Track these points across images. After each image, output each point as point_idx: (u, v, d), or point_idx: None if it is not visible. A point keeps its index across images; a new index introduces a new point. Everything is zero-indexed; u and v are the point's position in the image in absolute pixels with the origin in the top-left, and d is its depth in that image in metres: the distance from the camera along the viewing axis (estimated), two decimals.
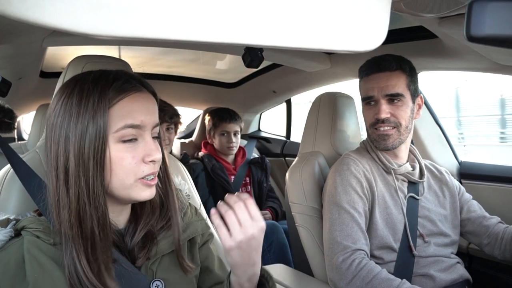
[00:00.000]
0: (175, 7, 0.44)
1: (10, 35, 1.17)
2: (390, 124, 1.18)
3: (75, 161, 0.63)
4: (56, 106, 0.66)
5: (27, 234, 0.65)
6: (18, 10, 0.38)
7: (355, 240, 1.11)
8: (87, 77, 0.66)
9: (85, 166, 0.63)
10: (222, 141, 2.16)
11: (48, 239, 0.65)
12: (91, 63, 0.98)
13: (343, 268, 1.08)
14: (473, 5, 0.47)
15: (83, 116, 0.63)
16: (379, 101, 1.18)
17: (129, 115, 0.66)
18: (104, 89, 0.64)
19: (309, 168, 1.38)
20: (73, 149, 0.63)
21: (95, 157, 0.63)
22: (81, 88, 0.65)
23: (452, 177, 1.35)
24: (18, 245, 0.64)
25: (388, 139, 1.18)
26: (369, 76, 1.21)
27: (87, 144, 0.63)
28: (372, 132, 1.22)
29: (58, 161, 0.64)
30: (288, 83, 2.28)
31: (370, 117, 1.21)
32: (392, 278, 1.04)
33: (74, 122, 0.63)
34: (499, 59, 1.20)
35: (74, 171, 0.63)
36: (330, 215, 1.18)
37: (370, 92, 1.20)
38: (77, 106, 0.64)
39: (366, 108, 1.24)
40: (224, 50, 1.82)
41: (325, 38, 0.53)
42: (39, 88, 2.30)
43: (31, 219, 0.68)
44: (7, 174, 0.85)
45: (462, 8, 0.82)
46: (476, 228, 1.26)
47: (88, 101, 0.63)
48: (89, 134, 0.63)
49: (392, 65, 1.17)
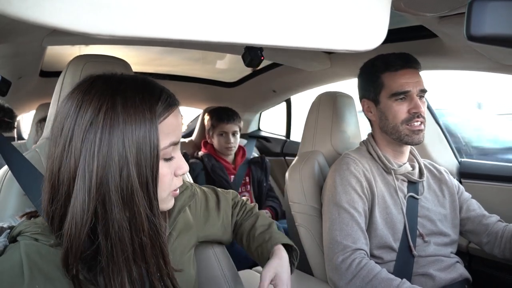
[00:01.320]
0: (175, 7, 0.44)
1: (10, 34, 1.17)
2: (423, 119, 1.19)
3: (138, 182, 0.59)
4: (94, 120, 0.57)
5: (24, 239, 0.60)
6: (18, 10, 0.38)
7: (355, 239, 1.12)
8: (128, 87, 0.60)
9: (148, 186, 0.60)
10: (220, 141, 2.16)
11: (47, 240, 0.60)
12: (91, 63, 0.98)
13: (343, 268, 1.08)
14: (473, 4, 0.47)
15: (137, 134, 0.58)
16: (413, 96, 1.18)
17: (174, 132, 0.64)
18: (153, 105, 0.61)
19: (309, 168, 1.38)
20: (133, 169, 0.58)
21: (152, 175, 0.60)
22: (125, 101, 0.59)
23: (451, 177, 1.35)
24: (13, 251, 0.59)
25: (420, 133, 1.19)
26: (399, 71, 1.19)
27: (144, 163, 0.59)
28: (405, 128, 1.19)
29: (105, 181, 0.57)
30: (288, 82, 2.28)
31: (403, 112, 1.19)
32: (392, 278, 1.04)
33: (129, 141, 0.58)
34: (499, 59, 1.20)
35: (138, 191, 0.59)
36: (330, 215, 1.18)
37: (405, 87, 1.18)
38: (127, 123, 0.58)
39: (396, 103, 1.19)
40: (224, 50, 1.82)
41: (325, 37, 0.53)
42: (39, 87, 2.30)
43: (26, 223, 0.63)
44: (7, 174, 0.85)
45: (462, 8, 0.82)
46: (476, 227, 1.26)
47: (139, 118, 0.59)
48: (145, 153, 0.59)
49: (418, 63, 1.22)
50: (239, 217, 1.03)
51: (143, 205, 0.59)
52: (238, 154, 2.26)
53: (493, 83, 4.40)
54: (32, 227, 0.62)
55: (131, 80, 0.62)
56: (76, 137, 0.57)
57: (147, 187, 0.60)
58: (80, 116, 0.58)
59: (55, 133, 0.60)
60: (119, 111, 0.58)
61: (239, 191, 2.17)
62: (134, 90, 0.60)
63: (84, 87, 0.60)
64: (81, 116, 0.58)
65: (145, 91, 0.61)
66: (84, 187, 0.57)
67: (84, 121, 0.57)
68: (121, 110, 0.58)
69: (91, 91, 0.59)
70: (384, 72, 1.21)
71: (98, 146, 0.57)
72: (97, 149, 0.57)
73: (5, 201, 0.83)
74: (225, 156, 2.21)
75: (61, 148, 0.59)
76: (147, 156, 0.59)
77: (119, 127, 0.57)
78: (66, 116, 0.59)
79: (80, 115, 0.58)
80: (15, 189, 0.83)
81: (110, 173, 0.57)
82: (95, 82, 0.61)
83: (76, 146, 0.57)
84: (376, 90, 1.23)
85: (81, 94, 0.59)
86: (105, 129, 0.57)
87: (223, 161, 2.18)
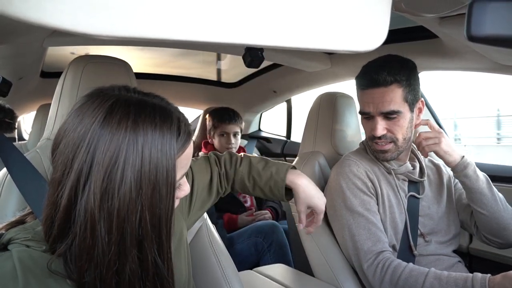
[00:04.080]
0: (175, 7, 0.44)
1: (10, 35, 1.17)
2: (387, 139, 1.17)
3: (151, 226, 0.55)
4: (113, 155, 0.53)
5: (15, 246, 0.57)
6: (19, 10, 0.38)
7: (374, 242, 1.11)
8: (147, 117, 0.55)
9: (160, 229, 0.56)
10: (221, 142, 2.16)
11: (39, 246, 0.57)
12: (92, 63, 0.98)
13: (370, 275, 1.09)
14: (474, 5, 0.47)
15: (154, 173, 0.55)
16: (375, 118, 1.16)
17: (186, 165, 0.62)
18: (173, 141, 0.57)
19: (309, 168, 1.38)
20: (147, 210, 0.55)
21: (167, 216, 0.57)
22: (146, 136, 0.54)
23: (447, 168, 1.32)
24: (4, 258, 0.55)
25: (385, 153, 1.19)
26: (364, 91, 1.18)
27: (159, 204, 0.56)
28: (372, 144, 1.22)
29: (124, 223, 0.53)
30: (288, 83, 2.28)
31: (368, 131, 1.21)
32: (416, 274, 1.02)
33: (146, 180, 0.54)
34: (499, 59, 1.20)
35: (148, 235, 0.55)
36: (345, 221, 1.18)
37: (366, 108, 1.18)
38: (145, 161, 0.54)
39: (364, 120, 1.22)
40: (224, 50, 1.82)
41: (326, 38, 0.53)
42: (40, 88, 2.30)
43: (16, 229, 0.60)
44: (7, 176, 0.85)
45: (462, 8, 0.82)
46: (466, 218, 1.26)
47: (159, 155, 0.55)
48: (161, 193, 0.56)
49: (387, 80, 1.12)
50: (228, 167, 0.98)
51: (151, 249, 0.56)
52: None
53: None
54: (22, 234, 0.59)
55: (150, 108, 0.57)
56: (96, 174, 0.52)
57: (159, 229, 0.56)
58: (100, 150, 0.53)
59: (63, 158, 0.55)
60: (140, 148, 0.54)
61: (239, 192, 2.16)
62: (154, 122, 0.56)
63: (102, 112, 0.54)
64: (101, 151, 0.53)
65: (164, 124, 0.57)
66: (105, 230, 0.53)
67: (105, 158, 0.52)
68: (143, 147, 0.54)
69: (111, 121, 0.54)
70: (357, 88, 1.23)
71: (119, 185, 0.52)
72: (117, 189, 0.52)
73: (6, 202, 0.83)
74: None
75: (74, 179, 0.53)
76: (163, 196, 0.56)
77: (138, 165, 0.54)
78: (80, 144, 0.53)
79: (100, 149, 0.53)
80: (15, 191, 0.83)
81: (128, 215, 0.53)
82: (113, 108, 0.55)
83: (97, 184, 0.52)
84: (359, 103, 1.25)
85: (99, 122, 0.54)
86: (128, 168, 0.53)
87: None
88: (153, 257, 0.56)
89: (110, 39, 0.45)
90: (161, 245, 0.57)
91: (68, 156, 0.54)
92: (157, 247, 0.57)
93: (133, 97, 0.58)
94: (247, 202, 2.16)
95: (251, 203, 2.17)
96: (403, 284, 1.02)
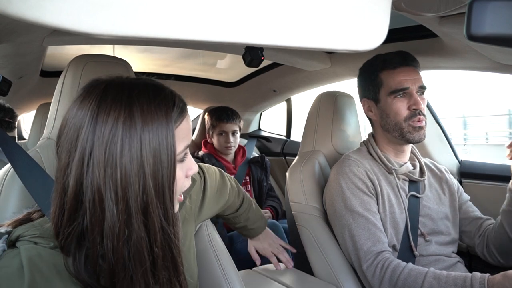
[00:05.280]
0: (175, 7, 0.44)
1: (10, 34, 1.17)
2: (423, 116, 1.19)
3: (154, 192, 0.58)
4: (114, 131, 0.56)
5: (23, 244, 0.59)
6: (19, 10, 0.38)
7: (374, 242, 1.11)
8: (141, 93, 0.59)
9: (164, 194, 0.59)
10: (220, 141, 2.16)
11: (47, 243, 0.59)
12: (92, 63, 0.98)
13: (369, 275, 1.09)
14: (474, 4, 0.47)
15: (154, 142, 0.58)
16: (413, 93, 1.18)
17: (187, 136, 0.65)
18: (169, 111, 0.60)
19: (309, 167, 1.38)
20: (150, 178, 0.57)
21: (169, 183, 0.60)
22: (142, 108, 0.57)
23: (451, 176, 1.35)
24: (13, 255, 0.57)
25: (421, 131, 1.19)
26: (397, 69, 1.19)
27: (161, 171, 0.58)
28: (407, 125, 1.19)
29: (128, 191, 0.56)
30: (288, 82, 2.28)
31: (403, 110, 1.19)
32: (415, 274, 1.02)
33: (146, 149, 0.57)
34: (499, 58, 1.20)
35: (153, 202, 0.58)
36: (345, 222, 1.18)
37: (404, 84, 1.18)
38: (144, 131, 0.57)
39: (396, 100, 1.19)
40: (224, 50, 1.82)
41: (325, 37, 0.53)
42: (40, 87, 2.30)
43: (25, 226, 0.62)
44: (8, 173, 0.85)
45: (462, 7, 0.82)
46: (471, 229, 1.27)
47: (156, 125, 0.58)
48: (162, 160, 0.58)
49: (416, 61, 1.22)
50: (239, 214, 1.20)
51: (157, 214, 0.58)
52: (238, 154, 2.26)
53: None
54: (31, 231, 0.61)
55: (142, 85, 0.61)
56: (97, 150, 0.55)
57: (163, 195, 0.59)
58: (99, 128, 0.56)
59: (66, 144, 0.58)
60: (137, 120, 0.57)
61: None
62: (148, 96, 0.59)
63: (97, 94, 0.58)
64: (100, 128, 0.56)
65: (158, 97, 0.60)
66: (112, 201, 0.56)
67: (104, 134, 0.55)
68: (139, 119, 0.57)
69: (106, 100, 0.57)
70: (382, 70, 1.22)
71: (119, 157, 0.56)
72: (119, 161, 0.56)
73: (6, 200, 0.83)
74: (225, 156, 2.21)
75: (78, 160, 0.56)
76: (164, 163, 0.58)
77: (137, 136, 0.56)
78: (80, 126, 0.57)
79: (99, 127, 0.56)
80: (16, 188, 0.83)
81: (130, 184, 0.56)
82: (107, 89, 0.59)
83: (100, 159, 0.55)
84: (376, 89, 1.23)
85: (96, 102, 0.57)
86: (126, 140, 0.56)
87: (223, 160, 2.18)
88: (159, 222, 0.59)
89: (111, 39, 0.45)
90: (166, 210, 0.60)
91: (72, 140, 0.57)
92: (163, 213, 0.59)
93: (125, 79, 0.62)
94: None
95: None
96: (402, 284, 1.02)
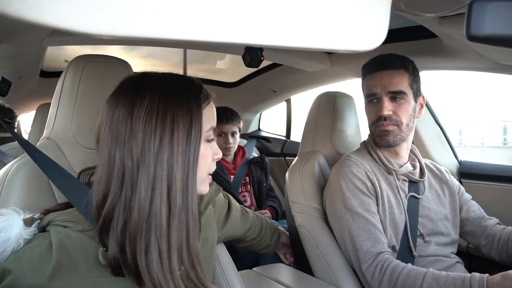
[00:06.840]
0: (175, 7, 0.44)
1: (10, 34, 1.17)
2: (392, 122, 1.18)
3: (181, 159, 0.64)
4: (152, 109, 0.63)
5: (54, 227, 0.64)
6: (18, 10, 0.38)
7: (373, 243, 1.11)
8: (173, 81, 0.69)
9: (188, 164, 0.65)
10: (219, 142, 2.16)
11: (76, 226, 0.65)
12: (92, 63, 0.98)
13: (369, 276, 1.09)
14: (473, 4, 0.47)
15: (185, 120, 0.65)
16: (382, 98, 1.18)
17: (212, 119, 0.73)
18: (197, 93, 0.70)
19: (309, 168, 1.38)
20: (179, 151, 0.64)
21: (195, 156, 0.66)
22: (176, 92, 0.67)
23: (452, 176, 1.35)
24: (44, 237, 0.63)
25: (389, 135, 1.19)
26: (372, 74, 1.21)
27: (189, 144, 0.65)
28: (374, 129, 1.23)
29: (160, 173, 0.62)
30: (288, 82, 2.28)
31: (373, 115, 1.22)
32: (414, 275, 1.02)
33: (178, 126, 0.64)
34: (499, 59, 1.21)
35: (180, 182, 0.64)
36: (344, 222, 1.18)
37: (373, 89, 1.20)
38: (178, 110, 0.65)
39: (368, 105, 1.24)
40: (224, 50, 1.82)
41: (325, 37, 0.53)
42: (39, 87, 2.30)
43: (55, 213, 0.67)
44: (8, 173, 0.85)
45: (462, 8, 0.82)
46: (475, 229, 1.27)
47: (187, 105, 0.66)
48: (192, 134, 0.65)
49: (396, 63, 1.19)
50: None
51: (179, 178, 0.63)
52: (238, 154, 2.26)
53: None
54: (60, 216, 0.66)
55: (175, 75, 0.72)
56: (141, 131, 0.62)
57: (188, 164, 0.65)
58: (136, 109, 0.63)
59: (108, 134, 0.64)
60: (171, 99, 0.65)
61: (239, 191, 2.17)
62: (179, 83, 0.69)
63: (134, 87, 0.66)
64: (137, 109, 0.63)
65: (189, 83, 0.71)
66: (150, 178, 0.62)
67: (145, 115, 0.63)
68: (174, 100, 0.65)
69: (146, 91, 0.65)
70: (364, 75, 1.26)
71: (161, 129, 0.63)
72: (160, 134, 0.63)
73: (6, 200, 0.83)
74: (225, 156, 2.21)
75: (127, 147, 0.62)
76: (192, 137, 0.65)
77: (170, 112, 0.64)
78: (122, 120, 0.63)
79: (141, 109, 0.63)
80: (15, 189, 0.84)
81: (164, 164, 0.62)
82: (145, 80, 0.68)
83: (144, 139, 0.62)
84: (363, 93, 1.28)
85: (133, 92, 0.65)
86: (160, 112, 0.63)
87: (223, 161, 2.18)
88: (181, 185, 0.63)
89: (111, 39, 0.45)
90: (188, 177, 0.65)
91: (113, 129, 0.64)
92: (185, 178, 0.64)
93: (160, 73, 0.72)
94: (246, 201, 2.16)
95: (251, 202, 2.17)
96: (402, 285, 1.02)
